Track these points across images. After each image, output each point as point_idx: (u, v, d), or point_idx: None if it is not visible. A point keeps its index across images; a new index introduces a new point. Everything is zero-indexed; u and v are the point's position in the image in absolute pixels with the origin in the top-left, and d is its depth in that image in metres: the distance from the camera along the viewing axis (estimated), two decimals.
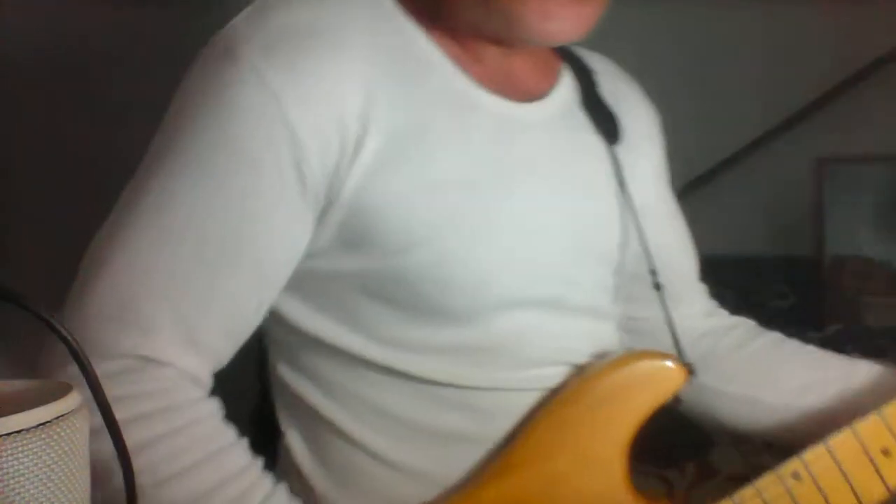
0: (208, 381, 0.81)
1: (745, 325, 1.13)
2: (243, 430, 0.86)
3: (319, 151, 0.79)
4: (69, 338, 0.52)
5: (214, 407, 0.81)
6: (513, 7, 0.83)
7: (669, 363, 0.91)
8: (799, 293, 1.97)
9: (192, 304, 0.79)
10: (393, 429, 0.87)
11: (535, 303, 0.88)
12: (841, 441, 0.90)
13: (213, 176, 0.79)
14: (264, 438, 0.90)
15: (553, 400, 0.89)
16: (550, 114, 0.93)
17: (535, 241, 0.88)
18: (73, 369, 0.56)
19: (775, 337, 1.10)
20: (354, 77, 0.81)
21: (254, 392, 0.98)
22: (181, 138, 0.80)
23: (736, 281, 1.93)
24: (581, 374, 0.90)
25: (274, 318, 0.88)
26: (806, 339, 1.10)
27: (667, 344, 0.97)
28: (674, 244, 1.09)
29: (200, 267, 0.79)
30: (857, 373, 1.03)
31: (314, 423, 0.89)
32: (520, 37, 0.87)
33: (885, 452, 0.91)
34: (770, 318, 1.24)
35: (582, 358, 0.92)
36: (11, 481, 0.47)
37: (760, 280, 1.98)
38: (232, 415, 0.83)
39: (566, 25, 0.84)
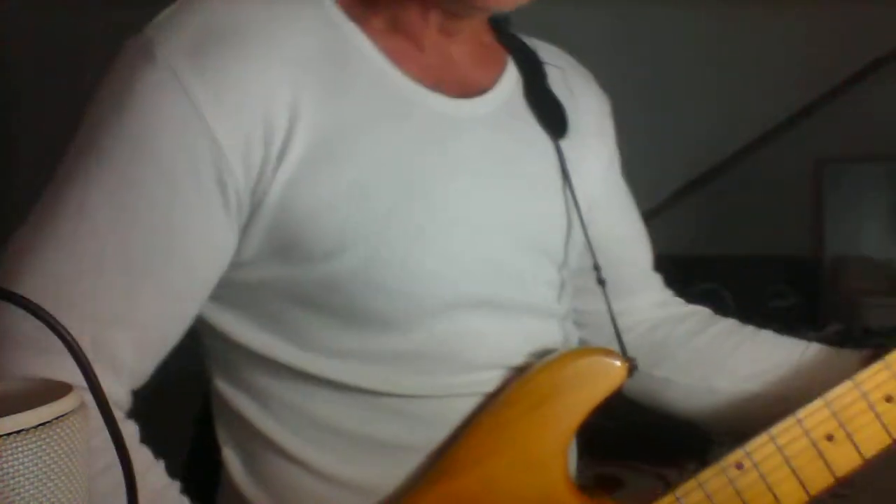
0: (127, 402, 0.78)
1: (699, 313, 1.10)
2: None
3: (243, 160, 0.76)
4: (69, 338, 0.52)
5: (132, 430, 0.78)
6: None
7: (608, 359, 0.89)
8: (799, 293, 1.96)
9: (110, 323, 0.75)
10: (329, 441, 0.85)
11: (474, 304, 0.86)
12: (784, 429, 0.89)
13: (131, 188, 0.75)
14: (207, 455, 0.88)
15: (491, 403, 0.87)
16: (492, 109, 0.90)
17: (472, 241, 0.86)
18: None
19: (730, 324, 1.08)
20: (281, 80, 0.77)
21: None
22: (97, 144, 0.76)
23: (736, 281, 1.93)
24: (519, 376, 0.88)
25: (207, 331, 0.85)
26: (806, 339, 1.09)
27: (613, 338, 0.95)
28: (626, 236, 1.07)
29: (119, 284, 0.75)
30: (807, 356, 1.01)
31: (250, 437, 0.86)
32: (457, 6, 0.84)
33: (830, 438, 0.89)
34: (769, 318, 1.23)
35: (521, 359, 0.89)
36: (11, 481, 0.47)
37: (760, 280, 1.97)
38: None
39: None
